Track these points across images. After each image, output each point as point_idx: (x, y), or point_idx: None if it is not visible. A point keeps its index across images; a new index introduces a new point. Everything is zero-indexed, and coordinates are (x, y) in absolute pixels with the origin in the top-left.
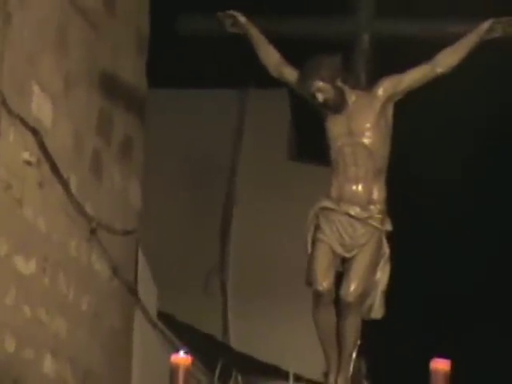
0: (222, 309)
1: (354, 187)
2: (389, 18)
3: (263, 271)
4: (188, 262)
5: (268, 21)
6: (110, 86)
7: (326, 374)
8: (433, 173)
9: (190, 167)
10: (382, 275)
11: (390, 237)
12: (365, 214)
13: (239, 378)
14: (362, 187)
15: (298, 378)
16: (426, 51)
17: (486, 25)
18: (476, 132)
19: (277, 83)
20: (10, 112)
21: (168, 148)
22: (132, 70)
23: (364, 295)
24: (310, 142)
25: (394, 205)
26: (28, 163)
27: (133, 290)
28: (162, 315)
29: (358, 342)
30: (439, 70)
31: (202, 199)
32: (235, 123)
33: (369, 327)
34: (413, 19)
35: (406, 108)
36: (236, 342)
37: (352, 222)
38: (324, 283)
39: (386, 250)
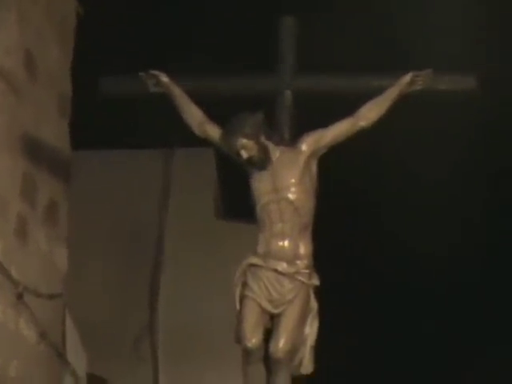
0: (153, 372)
1: (281, 243)
2: (311, 73)
3: (194, 333)
4: (118, 324)
5: (191, 79)
6: (33, 150)
7: None
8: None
9: (116, 229)
10: (311, 330)
11: (318, 291)
12: (292, 270)
13: None
14: (289, 243)
15: None
16: (349, 105)
17: (406, 78)
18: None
19: (202, 142)
20: None
21: (94, 209)
22: (55, 132)
23: (293, 351)
24: (237, 200)
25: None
26: None
27: (61, 354)
28: (92, 379)
29: None
30: (362, 123)
31: (129, 260)
32: (161, 183)
33: (299, 383)
34: (335, 74)
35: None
36: None
37: (279, 277)
38: (253, 340)
39: (314, 304)
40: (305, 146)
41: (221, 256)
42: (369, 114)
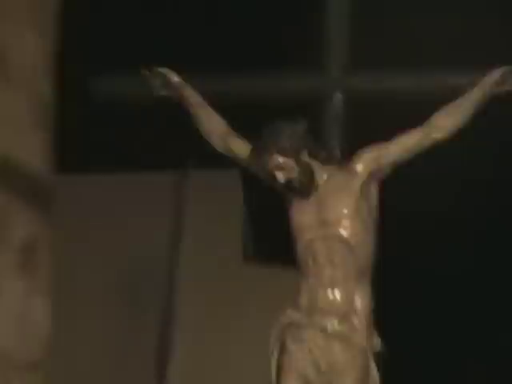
0: None
1: (331, 294)
2: (368, 69)
3: None
4: None
5: (210, 80)
6: (4, 174)
7: None
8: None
9: (115, 275)
10: None
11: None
12: (345, 329)
13: None
14: (341, 294)
15: None
16: (416, 112)
17: (495, 75)
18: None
19: (225, 161)
20: None
21: (85, 251)
22: (33, 150)
23: None
24: (271, 237)
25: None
26: None
27: None
28: None
29: None
30: (436, 135)
31: (132, 317)
32: (172, 216)
33: None
34: (399, 71)
35: None
36: None
37: (329, 340)
38: None
39: (376, 376)
40: (361, 165)
41: (250, 311)
42: (445, 122)
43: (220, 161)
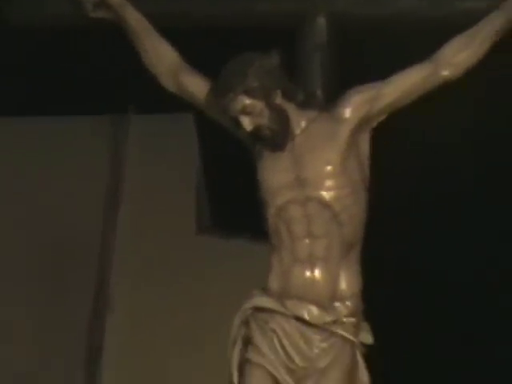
0: None
1: (308, 273)
2: None
3: None
4: None
5: None
6: None
7: None
8: None
9: (39, 242)
10: None
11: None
12: (327, 318)
13: None
14: (322, 274)
15: None
16: (420, 43)
17: None
18: None
19: (176, 103)
20: None
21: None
22: None
23: None
24: (232, 200)
25: None
26: None
27: None
28: None
29: None
30: (445, 72)
31: (59, 294)
32: (107, 169)
33: None
34: None
35: None
36: None
37: (305, 331)
38: None
39: (364, 376)
40: (350, 109)
41: (204, 292)
42: (455, 57)
43: (170, 102)
